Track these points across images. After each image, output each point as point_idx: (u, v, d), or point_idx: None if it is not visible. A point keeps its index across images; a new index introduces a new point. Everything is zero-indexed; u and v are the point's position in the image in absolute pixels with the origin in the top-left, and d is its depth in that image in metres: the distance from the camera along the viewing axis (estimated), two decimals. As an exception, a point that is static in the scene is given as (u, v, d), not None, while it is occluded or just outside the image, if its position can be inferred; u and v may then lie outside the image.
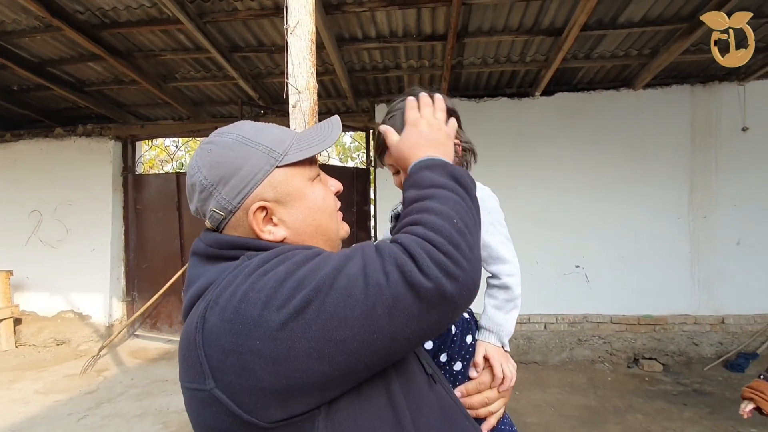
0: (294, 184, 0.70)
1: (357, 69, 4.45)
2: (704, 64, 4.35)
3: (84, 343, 5.26)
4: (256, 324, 0.53)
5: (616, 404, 3.51)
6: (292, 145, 0.71)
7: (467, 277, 0.58)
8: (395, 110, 0.93)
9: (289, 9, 1.20)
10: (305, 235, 0.71)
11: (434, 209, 0.62)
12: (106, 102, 5.20)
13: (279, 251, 0.62)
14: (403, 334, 0.56)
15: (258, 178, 0.66)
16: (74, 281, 5.41)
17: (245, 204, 0.66)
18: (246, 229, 0.68)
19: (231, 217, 0.67)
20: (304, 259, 0.59)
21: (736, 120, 4.40)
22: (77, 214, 5.44)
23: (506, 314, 0.89)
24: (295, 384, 0.54)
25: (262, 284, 0.55)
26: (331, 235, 0.75)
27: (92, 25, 3.61)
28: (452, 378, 0.89)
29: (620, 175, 4.55)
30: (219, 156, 0.67)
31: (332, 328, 0.53)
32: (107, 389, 3.98)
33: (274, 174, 0.68)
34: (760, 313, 4.34)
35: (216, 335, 0.56)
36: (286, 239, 0.69)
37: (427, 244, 0.57)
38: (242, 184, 0.66)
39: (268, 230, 0.68)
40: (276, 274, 0.56)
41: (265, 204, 0.67)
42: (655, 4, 3.38)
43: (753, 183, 4.38)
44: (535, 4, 3.39)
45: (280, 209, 0.69)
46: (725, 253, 4.41)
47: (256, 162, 0.67)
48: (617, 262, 4.52)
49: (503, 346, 0.88)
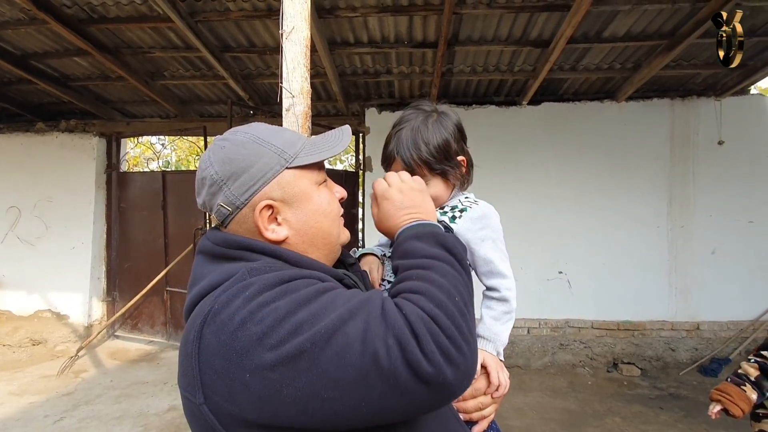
0: (301, 186, 0.71)
1: (348, 73, 4.48)
2: (683, 79, 4.51)
3: (61, 343, 5.13)
4: (249, 356, 0.54)
5: (595, 408, 3.59)
6: (303, 149, 0.72)
7: (467, 364, 0.57)
8: (397, 130, 0.96)
9: (285, 14, 1.22)
10: (307, 236, 0.72)
11: (435, 281, 0.62)
12: (91, 98, 5.10)
13: (283, 277, 0.60)
14: (392, 408, 0.55)
15: (268, 177, 0.68)
16: (53, 280, 5.27)
17: (253, 201, 0.68)
18: (250, 226, 0.69)
19: (237, 213, 0.69)
20: (306, 298, 0.57)
21: (712, 134, 4.57)
22: (58, 211, 5.32)
23: (503, 325, 0.93)
24: (278, 426, 0.55)
25: (260, 317, 0.55)
26: (332, 239, 0.76)
27: (79, 20, 3.56)
28: None
29: (602, 184, 4.67)
30: (232, 153, 0.69)
31: (321, 385, 0.53)
32: (85, 391, 3.89)
33: (284, 175, 0.69)
34: (733, 320, 4.49)
35: (211, 354, 0.56)
36: (288, 239, 0.70)
37: (432, 324, 0.56)
38: (252, 181, 0.67)
39: (272, 229, 0.69)
40: (276, 310, 0.55)
41: (272, 203, 0.68)
42: (638, 21, 3.50)
43: (728, 194, 4.55)
44: (524, 17, 3.47)
45: (286, 209, 0.70)
46: (701, 261, 4.56)
47: (268, 161, 0.68)
48: (599, 268, 4.63)
49: (498, 354, 0.92)
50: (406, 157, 0.92)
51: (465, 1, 3.26)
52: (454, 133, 0.95)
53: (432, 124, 0.93)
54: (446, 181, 0.96)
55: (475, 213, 0.94)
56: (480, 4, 3.30)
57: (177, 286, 5.22)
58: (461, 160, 0.96)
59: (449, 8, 3.16)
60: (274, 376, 0.53)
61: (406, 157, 0.92)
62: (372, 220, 0.86)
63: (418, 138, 0.91)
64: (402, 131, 0.93)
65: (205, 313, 0.59)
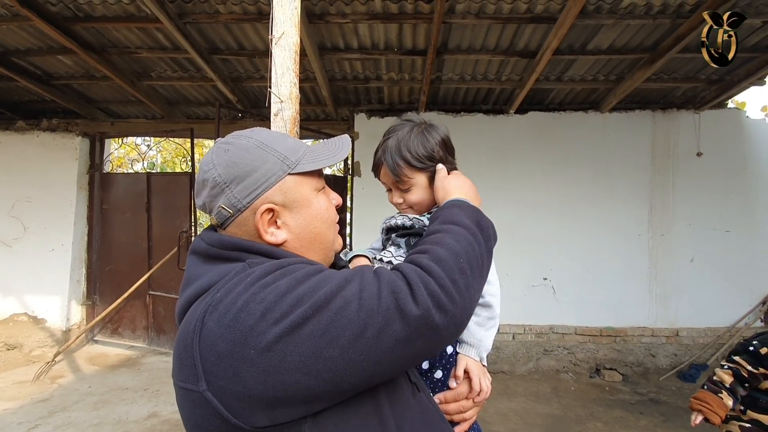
0: (301, 192, 0.73)
1: (338, 78, 4.49)
2: (664, 92, 4.65)
3: (38, 348, 4.98)
4: (253, 334, 0.55)
5: (578, 413, 3.64)
6: (304, 156, 0.74)
7: (456, 312, 0.61)
8: (385, 140, 0.99)
9: (275, 19, 1.23)
10: (304, 240, 0.74)
11: (445, 243, 0.67)
12: (75, 97, 5.01)
13: (281, 263, 0.64)
14: (387, 358, 0.58)
15: (270, 182, 0.70)
16: (30, 282, 5.13)
17: (254, 204, 0.69)
18: (250, 229, 0.70)
19: (238, 216, 0.70)
20: (305, 275, 0.61)
21: (691, 145, 4.72)
22: (37, 212, 5.18)
23: (486, 331, 0.94)
24: (283, 396, 0.56)
25: (263, 296, 0.57)
26: (327, 244, 0.78)
27: (64, 18, 3.50)
28: (432, 385, 0.93)
29: (586, 193, 4.77)
30: (236, 156, 0.70)
31: (323, 345, 0.55)
32: (62, 397, 3.77)
33: (286, 180, 0.71)
34: (710, 326, 4.61)
35: (213, 340, 0.57)
36: (286, 242, 0.72)
37: (425, 275, 0.61)
38: (255, 185, 0.69)
39: (271, 232, 0.71)
40: (277, 288, 0.58)
41: (273, 206, 0.70)
42: (621, 35, 3.60)
43: (706, 204, 4.69)
44: (511, 27, 3.54)
45: (286, 213, 0.72)
46: (680, 269, 4.68)
47: (271, 167, 0.70)
48: (582, 275, 4.71)
49: (481, 360, 0.93)
50: (390, 163, 0.95)
51: (454, 10, 3.31)
52: (439, 143, 0.97)
53: (417, 133, 0.96)
54: (430, 187, 0.97)
55: None
56: (469, 13, 3.35)
57: (160, 290, 5.12)
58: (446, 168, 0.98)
59: (439, 17, 3.20)
60: (278, 347, 0.55)
61: (390, 164, 0.95)
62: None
63: (401, 145, 0.95)
64: (389, 140, 0.97)
65: (206, 304, 0.61)
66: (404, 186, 0.96)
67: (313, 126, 5.19)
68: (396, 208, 1.02)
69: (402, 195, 0.98)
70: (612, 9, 3.27)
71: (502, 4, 3.25)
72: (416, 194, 0.96)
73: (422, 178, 0.96)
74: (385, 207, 1.00)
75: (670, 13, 3.30)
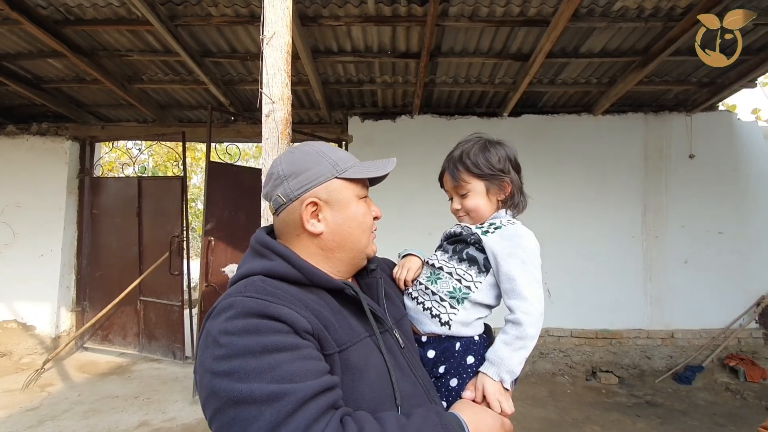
0: (344, 194, 0.85)
1: (331, 81, 4.47)
2: (656, 95, 4.68)
3: (27, 355, 4.88)
4: (204, 365, 0.67)
5: (575, 416, 3.62)
6: (353, 166, 0.87)
7: None
8: (451, 152, 1.06)
9: (266, 20, 1.21)
10: (339, 236, 0.85)
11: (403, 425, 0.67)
12: (65, 100, 4.95)
13: (260, 311, 0.67)
14: None
15: (320, 180, 0.83)
16: (19, 289, 5.04)
17: (303, 197, 0.82)
18: (296, 217, 0.83)
19: (289, 204, 0.83)
20: (256, 348, 0.64)
21: (684, 147, 4.75)
22: (26, 217, 5.10)
23: (512, 351, 0.86)
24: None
25: (221, 342, 0.65)
26: (359, 246, 0.88)
27: (55, 21, 3.46)
28: (447, 393, 0.90)
29: (580, 195, 4.78)
30: (297, 157, 0.85)
31: (221, 425, 0.63)
32: (51, 406, 3.69)
33: (333, 182, 0.84)
34: (705, 327, 4.63)
35: (202, 339, 0.71)
36: (323, 234, 0.84)
37: None
38: (306, 180, 0.82)
39: (312, 223, 0.83)
40: (229, 346, 0.65)
41: (317, 201, 0.83)
42: (613, 38, 3.62)
43: (699, 206, 4.72)
44: (504, 30, 3.55)
45: (327, 210, 0.84)
46: (674, 270, 4.70)
47: (323, 169, 0.84)
48: (577, 277, 4.71)
49: (502, 382, 0.85)
50: (451, 168, 1.03)
51: (447, 13, 3.31)
52: (502, 157, 1.02)
53: (480, 145, 1.03)
54: (488, 195, 1.01)
55: (508, 231, 0.96)
56: (462, 16, 3.35)
57: (151, 296, 5.05)
58: (505, 180, 1.01)
59: (432, 20, 3.20)
60: (206, 387, 0.65)
61: (451, 168, 1.03)
62: None
63: (464, 154, 1.02)
64: (455, 151, 1.05)
65: (215, 307, 0.72)
66: (462, 191, 1.02)
67: (306, 129, 5.16)
68: (455, 216, 1.07)
69: (460, 201, 1.03)
70: (604, 12, 3.28)
71: (495, 7, 3.25)
72: (472, 200, 1.01)
73: (479, 185, 1.01)
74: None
75: (662, 16, 3.32)
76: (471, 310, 0.94)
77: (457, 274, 0.96)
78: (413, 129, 4.91)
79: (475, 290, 0.94)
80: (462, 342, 0.94)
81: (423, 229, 4.35)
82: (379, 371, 0.77)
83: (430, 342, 0.95)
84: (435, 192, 1.08)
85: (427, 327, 0.95)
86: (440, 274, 0.98)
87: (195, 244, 8.34)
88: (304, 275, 0.78)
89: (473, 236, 0.97)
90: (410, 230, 4.46)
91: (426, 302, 0.97)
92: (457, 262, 0.98)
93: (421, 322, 0.97)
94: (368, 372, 0.75)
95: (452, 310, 0.94)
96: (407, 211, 4.67)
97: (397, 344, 0.85)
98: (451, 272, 0.97)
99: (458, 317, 0.94)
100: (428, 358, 0.93)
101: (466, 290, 0.94)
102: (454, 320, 0.93)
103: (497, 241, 0.95)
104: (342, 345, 0.73)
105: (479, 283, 0.95)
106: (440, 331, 0.94)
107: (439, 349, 0.94)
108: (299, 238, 0.84)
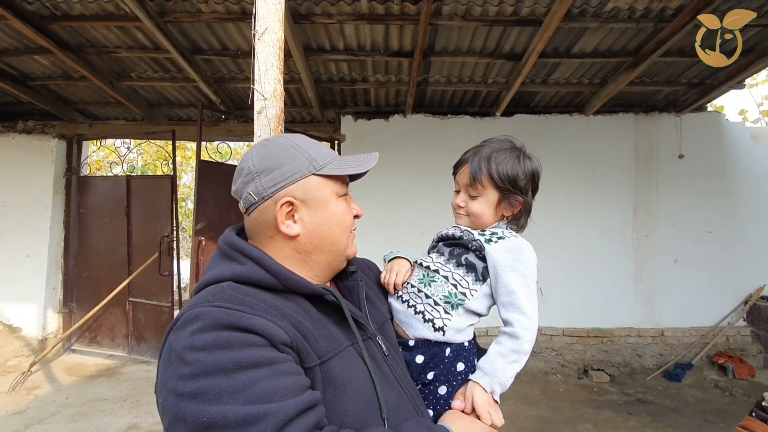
0: (322, 193, 0.78)
1: (324, 80, 4.44)
2: (647, 96, 4.73)
3: (13, 358, 4.77)
4: (168, 384, 0.61)
5: (567, 415, 3.64)
6: (332, 162, 0.80)
7: None
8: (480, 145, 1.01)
9: (258, 15, 1.18)
10: (316, 238, 0.78)
11: None
12: (52, 98, 4.85)
13: (230, 323, 0.61)
14: None
15: (295, 177, 0.76)
16: (5, 290, 4.93)
17: (277, 195, 0.75)
18: (269, 217, 0.76)
19: (261, 203, 0.76)
20: (226, 365, 0.58)
21: (673, 147, 4.80)
22: (11, 217, 4.99)
23: (506, 363, 0.85)
24: None
25: (187, 360, 0.59)
26: (339, 247, 0.81)
27: (41, 17, 3.38)
28: (435, 400, 0.87)
29: (571, 195, 4.80)
30: (271, 151, 0.78)
31: None
32: (38, 409, 3.62)
33: (310, 179, 0.77)
34: (694, 326, 4.68)
35: (164, 355, 0.65)
36: (299, 236, 0.77)
37: None
38: (281, 177, 0.75)
39: (287, 224, 0.76)
40: (196, 364, 0.59)
41: (293, 200, 0.76)
42: (605, 38, 3.65)
43: (688, 205, 4.78)
44: (497, 30, 3.55)
45: (304, 209, 0.77)
46: (664, 269, 4.75)
47: (299, 165, 0.76)
48: (569, 276, 4.74)
49: (493, 393, 0.84)
50: (474, 165, 0.97)
51: (441, 12, 3.30)
52: (527, 173, 0.98)
53: (512, 154, 0.98)
54: (496, 207, 0.98)
55: (513, 243, 0.94)
56: (455, 15, 3.35)
57: (140, 297, 4.97)
58: (518, 200, 0.98)
59: (425, 18, 3.19)
60: (171, 411, 0.59)
61: (474, 165, 0.97)
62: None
63: (493, 156, 0.96)
64: (484, 148, 0.99)
65: (175, 320, 0.67)
66: (474, 192, 0.97)
67: (298, 128, 5.12)
68: (453, 211, 1.02)
69: (467, 200, 0.98)
70: (596, 12, 3.30)
71: (488, 7, 3.25)
72: (479, 206, 0.97)
73: (494, 194, 0.97)
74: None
75: (653, 17, 3.35)
76: (464, 317, 0.92)
77: (453, 279, 0.92)
78: (406, 128, 4.90)
79: (470, 297, 0.91)
80: (452, 348, 0.91)
81: (416, 227, 4.35)
82: (363, 382, 0.72)
83: (418, 347, 0.91)
84: (428, 190, 1.06)
85: (418, 331, 0.91)
86: (435, 277, 0.94)
87: (185, 244, 8.23)
88: (280, 281, 0.71)
89: (475, 242, 0.94)
90: (403, 229, 4.44)
91: (418, 305, 0.92)
92: (455, 266, 0.94)
93: (412, 326, 0.92)
94: (352, 384, 0.70)
95: (446, 315, 0.90)
96: (400, 210, 4.65)
97: (381, 352, 0.81)
98: (447, 276, 0.93)
99: (453, 323, 0.90)
100: (416, 363, 0.90)
101: (461, 296, 0.91)
102: (448, 326, 0.90)
103: (501, 252, 0.92)
104: (323, 356, 0.68)
105: (475, 291, 0.92)
106: (433, 337, 0.90)
107: (428, 355, 0.90)
108: (273, 239, 0.77)
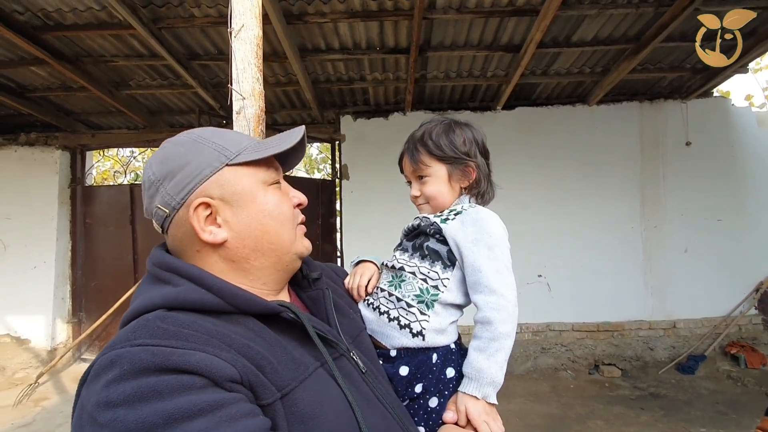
0: (243, 185, 0.66)
1: (321, 80, 4.41)
2: (650, 83, 4.62)
3: (21, 369, 4.82)
4: None
5: (578, 411, 3.57)
6: (248, 147, 0.68)
7: None
8: (412, 133, 0.97)
9: (234, 11, 1.15)
10: (249, 239, 0.66)
11: None
12: (52, 109, 4.88)
13: (157, 365, 0.48)
14: None
15: (205, 174, 0.63)
16: (12, 302, 4.97)
17: (189, 200, 0.63)
18: (187, 229, 0.64)
19: (174, 215, 0.64)
20: (153, 423, 0.45)
21: (680, 135, 4.69)
22: (17, 229, 5.03)
23: (489, 358, 0.75)
24: None
25: (101, 421, 0.46)
26: (281, 245, 0.69)
27: (34, 27, 3.39)
28: (426, 415, 0.78)
29: (576, 187, 4.72)
30: (169, 152, 0.66)
31: None
32: (45, 421, 3.63)
33: (223, 172, 0.64)
34: (706, 316, 4.57)
35: (75, 417, 0.51)
36: (227, 242, 0.65)
37: None
38: (187, 179, 0.63)
39: (209, 230, 0.64)
40: (113, 424, 0.46)
41: (209, 201, 0.63)
42: (605, 25, 3.56)
43: (697, 194, 4.66)
44: (494, 21, 3.49)
45: (226, 209, 0.65)
46: (674, 260, 4.64)
47: (206, 158, 0.64)
48: (576, 270, 4.65)
49: (486, 397, 0.74)
50: (411, 148, 0.93)
51: (435, 5, 3.25)
52: (468, 139, 0.92)
53: (443, 126, 0.93)
54: (449, 181, 0.91)
55: (470, 215, 0.85)
56: (450, 8, 3.29)
57: (147, 304, 4.98)
58: (469, 165, 0.91)
59: (419, 13, 3.14)
60: None
61: (411, 149, 0.93)
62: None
63: (425, 134, 0.92)
64: (416, 131, 0.95)
65: (88, 368, 0.54)
66: (421, 173, 0.91)
67: (298, 130, 5.09)
68: (414, 204, 0.96)
69: (419, 187, 0.93)
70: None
71: (483, -2, 3.19)
72: (432, 186, 0.91)
73: (441, 168, 0.90)
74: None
75: (653, 1, 3.26)
76: (443, 314, 0.82)
77: (421, 273, 0.83)
78: (406, 126, 4.82)
79: (443, 289, 0.82)
80: (439, 353, 0.81)
81: (419, 226, 4.30)
82: (339, 409, 0.60)
83: (401, 356, 0.81)
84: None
85: (395, 341, 0.81)
86: (403, 276, 0.84)
87: (192, 250, 8.25)
88: (225, 300, 0.59)
89: (432, 226, 0.86)
90: (406, 228, 4.40)
91: (391, 311, 0.83)
92: (419, 259, 0.85)
93: (388, 336, 0.82)
94: (326, 414, 0.58)
95: (423, 316, 0.81)
96: (401, 210, 4.59)
97: (357, 369, 0.69)
98: (414, 272, 0.84)
99: (431, 324, 0.80)
100: (401, 376, 0.79)
101: (434, 291, 0.82)
102: (427, 328, 0.80)
103: (458, 227, 0.84)
104: (285, 387, 0.56)
105: (447, 281, 0.82)
106: (413, 344, 0.80)
107: (414, 364, 0.80)
108: (200, 254, 0.65)
